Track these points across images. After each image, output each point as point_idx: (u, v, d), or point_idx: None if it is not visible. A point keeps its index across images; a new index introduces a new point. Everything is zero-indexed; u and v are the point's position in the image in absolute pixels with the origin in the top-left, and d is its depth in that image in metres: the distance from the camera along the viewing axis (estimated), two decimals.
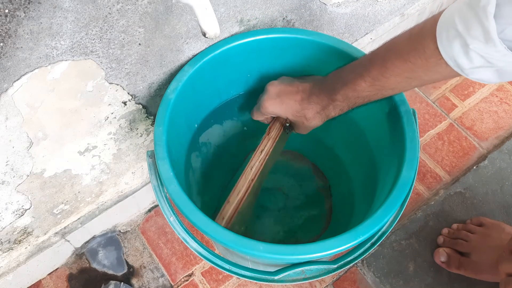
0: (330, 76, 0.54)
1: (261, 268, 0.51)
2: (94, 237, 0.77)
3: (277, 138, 0.62)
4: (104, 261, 0.77)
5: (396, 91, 0.48)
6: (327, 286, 0.75)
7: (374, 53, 0.48)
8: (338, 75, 0.52)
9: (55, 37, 0.41)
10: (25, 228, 0.62)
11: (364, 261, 0.76)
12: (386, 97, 0.50)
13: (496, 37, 0.35)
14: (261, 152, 0.62)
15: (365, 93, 0.49)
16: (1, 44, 0.38)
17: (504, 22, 0.35)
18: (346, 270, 0.76)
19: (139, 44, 0.49)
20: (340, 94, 0.50)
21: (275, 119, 0.63)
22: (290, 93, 0.56)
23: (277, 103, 0.57)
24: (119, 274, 0.77)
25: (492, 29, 0.35)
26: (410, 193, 0.49)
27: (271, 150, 0.62)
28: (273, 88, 0.58)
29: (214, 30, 0.41)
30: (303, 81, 0.57)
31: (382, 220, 0.47)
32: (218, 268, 0.50)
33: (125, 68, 0.51)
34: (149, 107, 0.60)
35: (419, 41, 0.42)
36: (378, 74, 0.46)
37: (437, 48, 0.39)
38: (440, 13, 0.40)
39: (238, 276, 0.51)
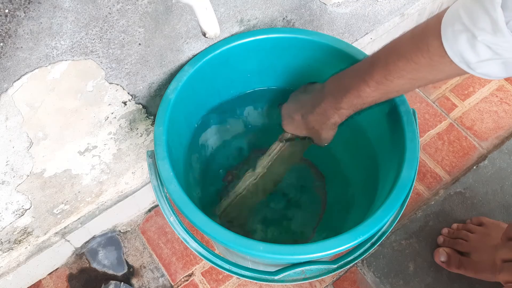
0: (329, 83, 0.53)
1: (261, 268, 0.51)
2: (94, 237, 0.77)
3: (286, 146, 0.63)
4: (104, 261, 0.77)
5: (401, 92, 0.48)
6: (327, 286, 0.75)
7: (375, 56, 0.47)
8: (339, 82, 0.51)
9: (55, 37, 0.41)
10: (25, 228, 0.62)
11: (364, 261, 0.76)
12: (390, 98, 0.50)
13: (505, 26, 0.35)
14: (268, 155, 0.63)
15: (370, 98, 0.48)
16: (1, 44, 0.38)
17: (509, 14, 0.35)
18: (346, 270, 0.76)
19: (139, 44, 0.49)
20: (344, 102, 0.50)
21: None
22: (296, 110, 0.58)
23: (290, 123, 0.59)
24: (119, 274, 0.77)
25: (500, 19, 0.35)
26: (410, 193, 0.49)
27: (276, 156, 0.63)
28: (284, 110, 0.61)
29: (214, 30, 0.41)
30: (306, 93, 0.58)
31: (382, 220, 0.47)
32: (218, 268, 0.50)
33: (125, 68, 0.51)
34: (149, 107, 0.60)
35: (422, 40, 0.41)
36: (381, 78, 0.45)
37: (442, 45, 0.39)
38: (443, 12, 0.40)
39: (238, 276, 0.51)
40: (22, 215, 0.59)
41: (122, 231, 0.80)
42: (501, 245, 0.61)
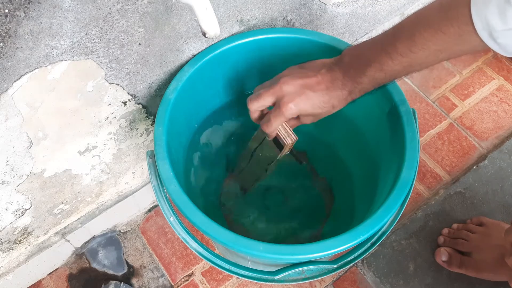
0: (347, 56, 0.50)
1: (261, 268, 0.51)
2: (94, 237, 0.77)
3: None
4: (104, 261, 0.77)
5: (423, 66, 0.45)
6: (327, 286, 0.75)
7: (397, 28, 0.45)
8: (359, 54, 0.48)
9: (55, 37, 0.41)
10: (25, 228, 0.62)
11: (364, 261, 0.76)
12: (412, 72, 0.47)
13: None
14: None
15: (392, 72, 0.46)
16: (1, 44, 0.38)
17: None
18: (346, 270, 0.76)
19: (139, 44, 0.49)
20: (366, 76, 0.47)
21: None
22: (312, 85, 0.50)
23: (303, 100, 0.50)
24: (119, 274, 0.77)
25: None
26: (410, 193, 0.49)
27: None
28: (290, 86, 0.50)
29: (214, 30, 0.41)
30: (316, 67, 0.52)
31: (382, 220, 0.47)
32: (218, 268, 0.50)
33: (125, 68, 0.51)
34: (149, 107, 0.60)
35: (451, 9, 0.40)
36: (406, 49, 0.44)
37: (470, 12, 0.38)
38: None
39: (238, 276, 0.51)
40: (22, 215, 0.59)
41: (122, 231, 0.80)
42: (510, 229, 0.61)
